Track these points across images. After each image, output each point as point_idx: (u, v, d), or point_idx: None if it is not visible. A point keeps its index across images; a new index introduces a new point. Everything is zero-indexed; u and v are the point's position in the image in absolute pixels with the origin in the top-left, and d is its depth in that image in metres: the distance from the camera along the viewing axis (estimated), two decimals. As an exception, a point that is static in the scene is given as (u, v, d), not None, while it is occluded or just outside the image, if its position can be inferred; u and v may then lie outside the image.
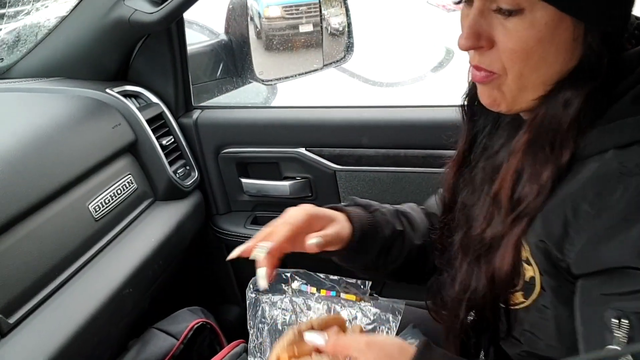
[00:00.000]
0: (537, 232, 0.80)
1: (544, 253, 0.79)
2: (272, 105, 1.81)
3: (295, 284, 1.72)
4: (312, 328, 0.90)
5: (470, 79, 0.93)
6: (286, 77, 1.87)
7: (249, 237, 1.77)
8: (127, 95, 1.69)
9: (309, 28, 1.89)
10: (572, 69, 0.79)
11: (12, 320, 1.09)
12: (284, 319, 1.55)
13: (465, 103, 0.99)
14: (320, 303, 1.54)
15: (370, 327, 1.45)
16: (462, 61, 0.93)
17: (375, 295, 1.52)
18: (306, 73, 1.87)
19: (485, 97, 0.85)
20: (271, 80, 1.99)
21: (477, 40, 0.79)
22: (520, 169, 0.82)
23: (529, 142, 0.81)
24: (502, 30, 0.77)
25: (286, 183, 1.77)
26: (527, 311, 0.85)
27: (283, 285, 1.64)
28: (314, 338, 0.86)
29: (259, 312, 1.59)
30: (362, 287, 1.58)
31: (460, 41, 0.81)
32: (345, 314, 1.50)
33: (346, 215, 1.05)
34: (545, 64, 0.78)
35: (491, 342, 0.94)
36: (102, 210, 1.41)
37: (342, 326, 0.92)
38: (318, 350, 0.86)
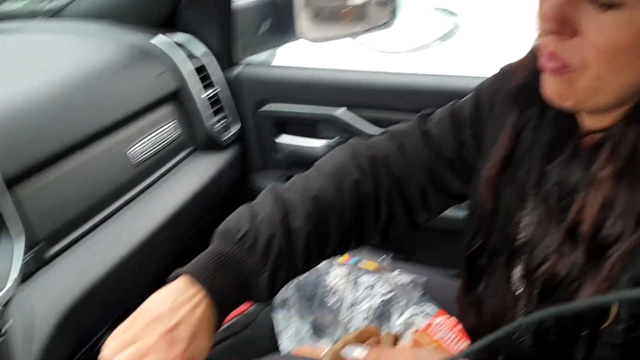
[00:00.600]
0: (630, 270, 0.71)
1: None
2: (314, 66, 1.80)
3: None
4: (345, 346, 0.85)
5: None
6: (331, 37, 1.86)
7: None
8: (175, 43, 1.69)
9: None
10: None
11: (53, 250, 1.13)
12: (307, 279, 1.56)
13: (514, 87, 0.88)
14: (340, 268, 1.55)
15: (388, 296, 1.46)
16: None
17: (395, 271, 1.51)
18: (350, 34, 1.85)
19: (552, 89, 0.75)
20: (316, 39, 1.97)
21: (562, 25, 0.69)
22: (608, 202, 0.72)
23: (621, 171, 0.72)
24: (593, 23, 0.67)
25: (322, 143, 1.77)
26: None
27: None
28: (353, 353, 0.82)
29: (287, 269, 1.61)
30: (383, 257, 1.58)
31: (543, 22, 0.71)
32: (364, 280, 1.51)
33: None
34: (630, 71, 0.69)
35: None
36: (143, 156, 1.43)
37: (376, 335, 0.89)
38: None
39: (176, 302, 0.76)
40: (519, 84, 0.86)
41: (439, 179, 0.99)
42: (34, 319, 0.99)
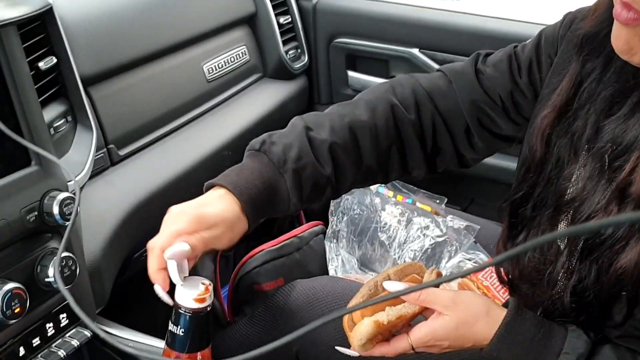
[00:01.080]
0: None
1: None
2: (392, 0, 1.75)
3: (373, 185, 1.73)
4: (388, 278, 0.85)
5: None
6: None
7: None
8: (254, -33, 1.69)
9: None
10: None
11: (122, 152, 1.17)
12: (361, 214, 1.57)
13: (581, 35, 0.83)
14: (395, 206, 1.55)
15: (440, 239, 1.46)
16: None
17: (449, 216, 1.50)
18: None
19: (621, 41, 0.70)
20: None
21: None
22: None
23: None
24: None
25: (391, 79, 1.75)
26: None
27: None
28: (394, 288, 0.81)
29: (342, 202, 1.62)
30: (438, 201, 1.57)
31: None
32: (418, 221, 1.51)
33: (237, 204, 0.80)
34: None
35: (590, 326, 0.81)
36: (215, 74, 1.45)
37: (419, 272, 0.87)
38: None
39: (202, 200, 0.79)
40: (587, 32, 0.82)
41: (487, 119, 0.97)
42: (101, 212, 1.04)
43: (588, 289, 0.77)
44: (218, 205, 0.77)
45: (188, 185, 1.28)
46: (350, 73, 1.81)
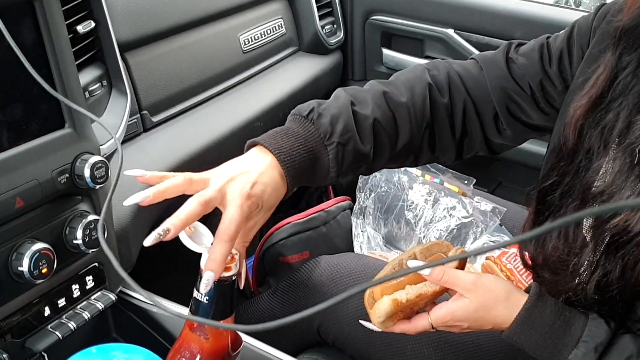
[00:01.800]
0: None
1: None
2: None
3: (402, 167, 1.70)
4: (414, 257, 0.83)
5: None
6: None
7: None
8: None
9: None
10: None
11: (155, 119, 1.15)
12: (388, 191, 1.55)
13: (619, 28, 0.79)
14: (423, 185, 1.53)
15: (467, 220, 1.43)
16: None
17: (476, 197, 1.47)
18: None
19: None
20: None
21: None
22: None
23: None
24: None
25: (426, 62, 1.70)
26: None
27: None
28: (415, 267, 0.79)
29: (370, 179, 1.60)
30: (466, 182, 1.54)
31: None
32: (445, 201, 1.48)
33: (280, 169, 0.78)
34: None
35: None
36: (251, 45, 1.42)
37: (446, 252, 0.85)
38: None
39: (245, 159, 0.77)
40: (625, 24, 0.79)
41: (516, 107, 0.95)
42: (133, 177, 1.02)
43: (612, 285, 0.75)
44: (262, 170, 0.75)
45: (219, 154, 1.26)
46: (385, 51, 1.77)
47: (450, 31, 1.63)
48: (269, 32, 1.49)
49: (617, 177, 0.75)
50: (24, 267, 0.72)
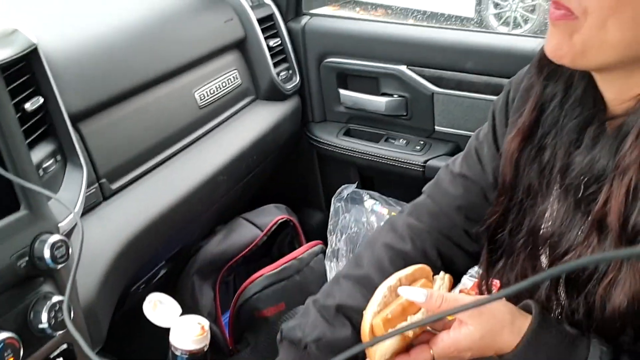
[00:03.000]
0: None
1: None
2: (379, 19, 1.74)
3: (368, 203, 1.71)
4: (400, 282, 0.79)
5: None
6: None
7: (340, 148, 1.80)
8: (242, -7, 1.67)
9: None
10: None
11: (114, 186, 1.14)
12: (358, 232, 1.55)
13: (539, 55, 0.81)
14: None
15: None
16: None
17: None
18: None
19: (552, 42, 0.70)
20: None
21: None
22: (634, 189, 0.68)
23: None
24: None
25: (383, 99, 1.72)
26: None
27: (359, 202, 1.64)
28: (412, 295, 0.73)
29: (340, 221, 1.60)
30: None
31: None
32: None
33: None
34: (634, 25, 0.63)
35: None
36: (207, 100, 1.43)
37: (428, 277, 0.81)
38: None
39: None
40: (544, 54, 0.79)
41: (475, 213, 0.95)
42: (95, 249, 1.01)
43: (581, 323, 0.74)
44: None
45: (183, 213, 1.25)
46: (342, 91, 1.79)
47: (403, 67, 1.65)
48: (224, 84, 1.50)
49: (565, 218, 0.76)
50: (-13, 360, 0.70)
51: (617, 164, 0.69)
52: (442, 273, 0.83)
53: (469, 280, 1.34)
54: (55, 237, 0.78)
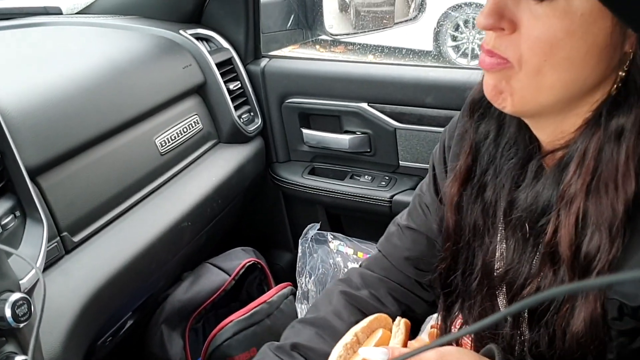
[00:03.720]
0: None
1: (618, 309, 0.69)
2: (338, 58, 1.78)
3: (332, 244, 1.73)
4: (357, 340, 0.81)
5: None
6: (355, 33, 1.85)
7: (306, 187, 1.82)
8: (199, 38, 1.70)
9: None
10: (609, 86, 0.67)
11: (76, 238, 1.13)
12: (326, 273, 1.56)
13: (469, 100, 0.85)
14: (356, 263, 1.55)
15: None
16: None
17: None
18: (376, 30, 1.84)
19: (489, 87, 0.71)
20: (340, 35, 1.97)
21: (499, 20, 0.66)
22: (581, 217, 0.69)
23: (589, 185, 0.69)
24: (529, 14, 0.64)
25: (346, 137, 1.76)
26: None
27: (324, 243, 1.65)
28: (373, 356, 0.74)
29: (308, 262, 1.61)
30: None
31: (479, 18, 0.68)
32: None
33: None
34: (569, 65, 0.65)
35: None
36: (168, 146, 1.43)
37: (386, 326, 0.84)
38: None
39: None
40: (474, 97, 0.84)
41: (423, 263, 1.00)
42: (58, 304, 1.00)
43: (545, 355, 0.76)
44: None
45: (148, 262, 1.25)
46: (305, 130, 1.82)
47: (365, 105, 1.69)
48: (185, 130, 1.51)
49: (515, 254, 0.78)
50: None
51: (562, 194, 0.71)
52: (398, 319, 0.84)
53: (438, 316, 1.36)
54: (16, 295, 0.78)
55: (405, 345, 0.83)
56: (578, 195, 0.69)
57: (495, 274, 0.81)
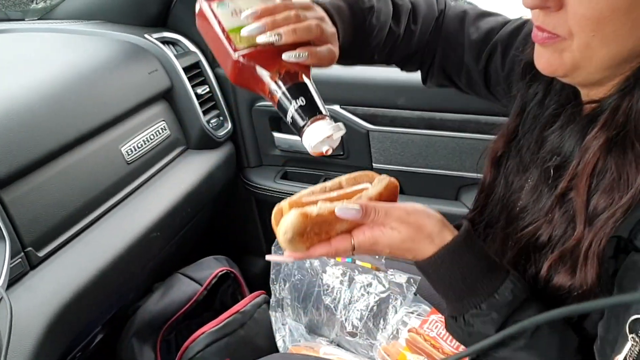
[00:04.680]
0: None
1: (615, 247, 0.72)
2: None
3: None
4: (340, 185, 0.79)
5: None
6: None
7: (279, 192, 1.83)
8: (166, 42, 1.70)
9: None
10: None
11: (41, 253, 1.13)
12: (302, 279, 1.57)
13: (524, 62, 0.91)
14: (336, 267, 1.56)
15: (384, 295, 1.46)
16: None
17: (389, 270, 1.51)
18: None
19: (542, 60, 0.76)
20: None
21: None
22: (598, 171, 0.73)
23: (611, 140, 0.73)
24: None
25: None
26: None
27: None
28: (346, 213, 0.72)
29: (282, 269, 1.62)
30: (377, 256, 1.58)
31: None
32: (360, 279, 1.51)
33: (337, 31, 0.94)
34: (617, 39, 0.69)
35: None
36: (135, 154, 1.43)
37: (371, 181, 0.80)
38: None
39: None
40: (528, 59, 0.88)
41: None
42: (24, 322, 1.00)
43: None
44: None
45: (117, 275, 1.25)
46: (276, 134, 1.83)
47: (337, 107, 1.71)
48: (152, 137, 1.51)
49: (533, 192, 0.83)
50: None
51: (587, 143, 0.75)
52: (383, 175, 0.81)
53: (416, 319, 1.38)
54: (-21, 316, 0.78)
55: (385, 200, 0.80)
56: (599, 150, 0.73)
57: (516, 209, 0.86)
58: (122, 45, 1.60)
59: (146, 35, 1.65)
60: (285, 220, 0.72)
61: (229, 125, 1.80)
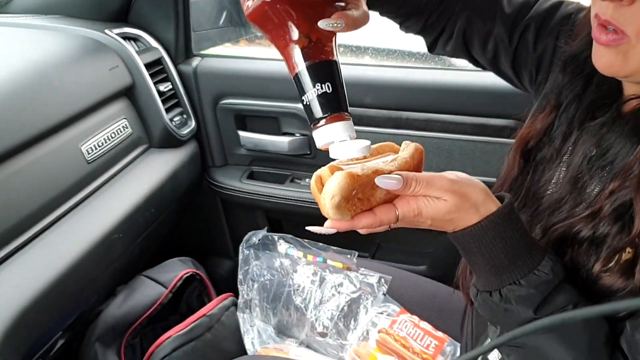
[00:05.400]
0: None
1: None
2: (274, 57, 1.77)
3: (282, 247, 1.72)
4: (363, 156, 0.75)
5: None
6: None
7: (245, 192, 1.81)
8: (127, 37, 1.66)
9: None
10: None
11: (-1, 255, 1.09)
12: (272, 279, 1.55)
13: (568, 54, 0.88)
14: (307, 266, 1.54)
15: (355, 295, 1.46)
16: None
17: (360, 270, 1.51)
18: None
19: (603, 60, 0.73)
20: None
21: None
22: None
23: None
24: None
25: (285, 139, 1.75)
26: None
27: (271, 246, 1.64)
28: (387, 183, 0.69)
29: (250, 269, 1.59)
30: (349, 256, 1.58)
31: None
32: (331, 278, 1.50)
33: None
34: None
35: None
36: (95, 153, 1.40)
37: (395, 152, 0.79)
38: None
39: None
40: (572, 52, 0.87)
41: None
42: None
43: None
44: None
45: (77, 279, 1.22)
46: (242, 133, 1.81)
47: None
48: (113, 135, 1.48)
49: (566, 185, 0.82)
50: None
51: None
52: (408, 142, 0.80)
53: (386, 319, 1.37)
54: None
55: (413, 169, 0.77)
56: None
57: (543, 199, 0.85)
58: (82, 41, 1.56)
59: (107, 31, 1.61)
60: (331, 183, 0.67)
61: (193, 124, 1.78)
